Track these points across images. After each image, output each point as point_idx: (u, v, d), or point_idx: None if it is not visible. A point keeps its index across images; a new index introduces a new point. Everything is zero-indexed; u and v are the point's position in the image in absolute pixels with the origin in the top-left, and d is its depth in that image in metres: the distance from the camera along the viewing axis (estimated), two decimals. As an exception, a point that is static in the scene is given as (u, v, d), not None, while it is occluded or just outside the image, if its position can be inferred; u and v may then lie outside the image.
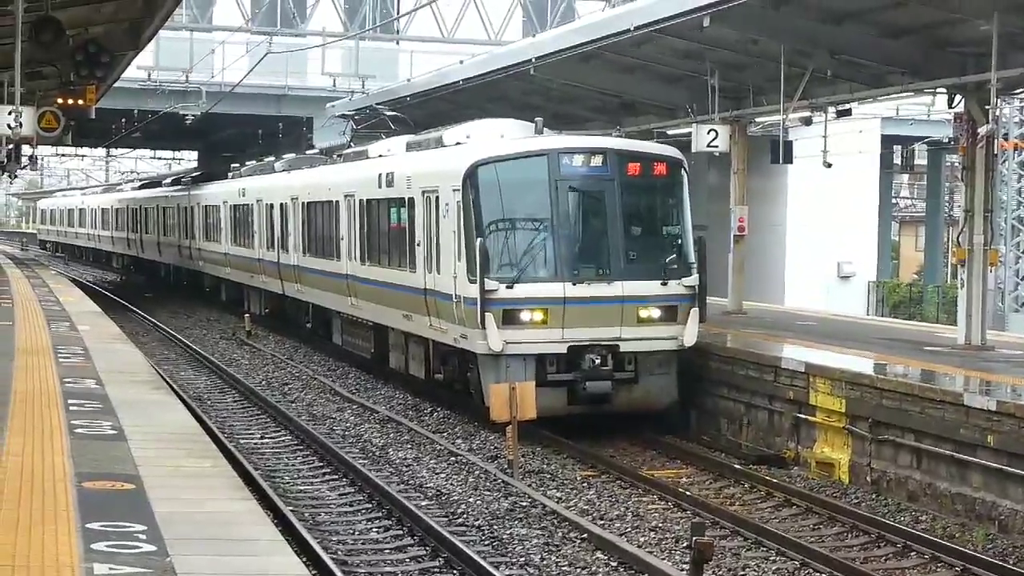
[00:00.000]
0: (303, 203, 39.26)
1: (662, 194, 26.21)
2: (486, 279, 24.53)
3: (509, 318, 24.78)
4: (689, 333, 25.44)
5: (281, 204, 42.15)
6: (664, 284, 25.37)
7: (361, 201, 32.84)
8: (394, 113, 41.10)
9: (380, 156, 33.53)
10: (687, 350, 25.57)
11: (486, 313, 24.54)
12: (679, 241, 25.94)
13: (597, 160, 25.39)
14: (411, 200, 28.68)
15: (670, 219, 26.25)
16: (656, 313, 25.35)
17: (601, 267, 25.18)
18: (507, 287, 24.74)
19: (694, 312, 25.45)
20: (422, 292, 27.85)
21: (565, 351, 24.98)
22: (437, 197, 26.89)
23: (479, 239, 24.76)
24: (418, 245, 28.15)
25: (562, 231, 25.09)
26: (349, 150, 38.82)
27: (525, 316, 24.87)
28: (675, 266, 25.57)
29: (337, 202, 35.07)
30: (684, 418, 26.51)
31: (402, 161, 30.84)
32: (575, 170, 25.31)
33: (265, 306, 47.30)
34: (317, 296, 38.50)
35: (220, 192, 53.42)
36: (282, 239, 42.09)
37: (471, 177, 25.32)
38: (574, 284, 24.88)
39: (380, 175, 31.17)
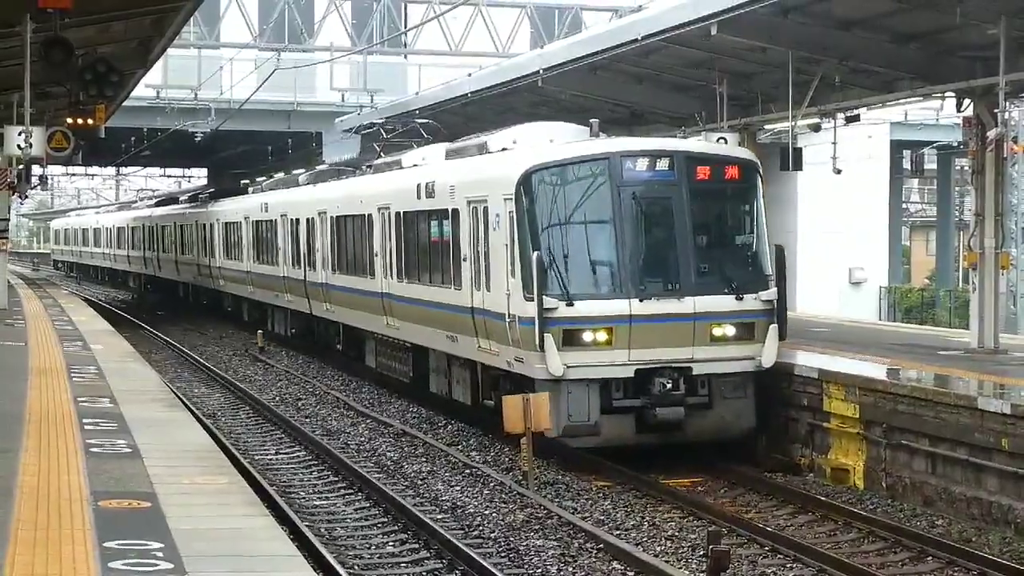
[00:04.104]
0: (332, 217, 37.18)
1: (734, 200, 24.27)
2: (544, 296, 22.61)
3: (570, 339, 22.75)
4: (768, 352, 23.48)
5: (308, 219, 40.18)
6: (739, 299, 23.41)
7: (398, 214, 30.70)
8: (425, 121, 38.73)
9: (415, 166, 31.52)
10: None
11: (544, 334, 22.56)
12: (754, 251, 24.06)
13: (663, 164, 23.47)
14: (455, 211, 26.64)
15: (744, 227, 24.28)
16: (731, 331, 23.35)
17: (670, 281, 23.17)
18: (567, 305, 22.73)
19: (773, 329, 23.49)
20: (469, 311, 25.85)
21: (632, 375, 23.01)
22: (485, 207, 24.95)
23: (535, 252, 22.66)
24: (464, 260, 26.10)
25: (626, 242, 23.10)
26: (379, 160, 36.18)
27: (587, 337, 22.81)
28: (751, 279, 23.69)
29: (370, 215, 32.97)
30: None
31: (443, 170, 28.69)
32: (639, 175, 23.35)
33: (291, 326, 45.35)
34: (349, 316, 36.35)
35: (241, 208, 51.72)
36: (309, 256, 40.12)
37: (525, 184, 23.36)
38: (641, 301, 22.90)
39: (419, 185, 28.96)
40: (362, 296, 34.14)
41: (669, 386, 23.03)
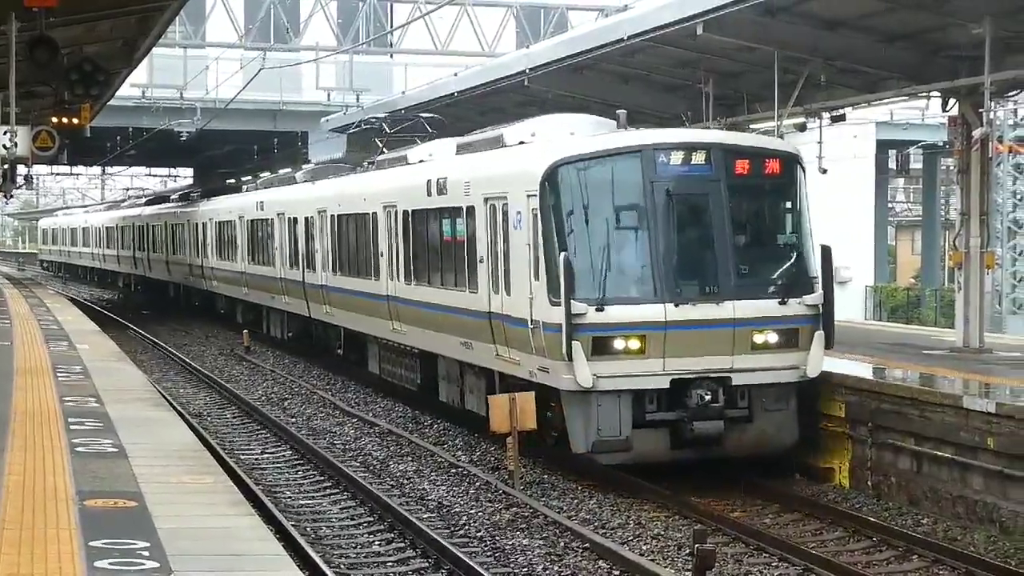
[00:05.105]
0: (332, 216, 35.55)
1: (776, 196, 22.60)
2: (572, 300, 20.93)
3: (600, 347, 21.08)
4: (813, 361, 21.88)
5: (306, 218, 38.56)
6: (782, 303, 21.78)
7: (405, 212, 29.03)
8: (431, 115, 37.16)
9: (421, 161, 29.93)
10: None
11: (572, 341, 20.93)
12: (798, 251, 22.36)
13: (699, 157, 21.77)
14: (470, 209, 25.00)
15: (786, 225, 22.60)
16: (773, 338, 21.70)
17: (708, 285, 21.51)
18: (597, 310, 21.05)
19: (819, 336, 21.93)
20: (486, 316, 24.21)
21: (667, 385, 21.39)
22: (505, 205, 23.29)
23: (562, 253, 21.06)
24: (480, 261, 24.47)
25: (660, 242, 21.40)
26: (382, 156, 34.36)
27: (619, 344, 21.14)
28: (795, 281, 22.06)
29: (374, 214, 31.30)
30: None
31: (456, 165, 27.02)
32: (674, 170, 21.65)
33: (288, 329, 43.74)
34: (350, 319, 34.67)
35: (235, 206, 50.03)
36: (308, 256, 38.48)
37: (550, 179, 21.66)
38: (676, 305, 21.24)
39: (429, 182, 27.25)
40: (365, 299, 32.60)
41: (708, 398, 21.40)
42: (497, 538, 18.55)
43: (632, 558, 17.28)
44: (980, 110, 24.85)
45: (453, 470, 23.43)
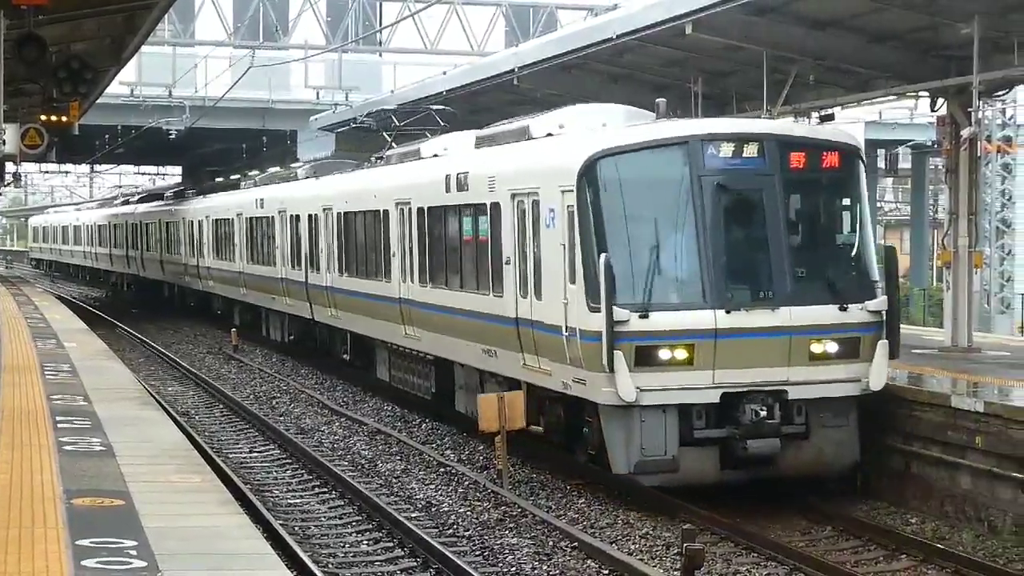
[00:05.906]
0: (339, 214, 33.89)
1: (834, 192, 20.89)
2: (614, 307, 19.30)
3: (644, 357, 19.41)
4: (876, 373, 20.15)
5: (310, 215, 36.82)
6: (843, 309, 20.05)
7: (420, 209, 27.37)
8: (441, 107, 35.28)
9: (435, 156, 28.51)
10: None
11: (614, 351, 19.27)
12: (858, 253, 20.69)
13: (751, 150, 20.07)
14: (495, 206, 23.33)
15: (846, 224, 20.91)
16: (833, 348, 20.02)
17: (761, 289, 19.83)
18: (640, 317, 19.38)
19: (882, 345, 20.21)
20: (513, 322, 22.56)
21: (717, 400, 19.72)
22: (536, 202, 21.60)
23: (603, 254, 19.38)
24: (506, 263, 22.82)
25: (710, 243, 19.68)
26: (391, 151, 32.74)
27: (664, 354, 19.48)
28: (855, 286, 20.38)
29: (386, 211, 29.63)
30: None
31: (477, 159, 25.32)
32: (723, 163, 19.95)
33: (289, 332, 42.14)
34: (357, 323, 32.85)
35: (233, 203, 48.29)
36: (311, 256, 36.84)
37: (588, 174, 19.92)
38: (727, 312, 19.56)
39: (448, 177, 25.61)
40: (375, 301, 30.82)
41: (763, 413, 19.71)
42: (485, 537, 18.54)
43: (620, 557, 17.27)
44: (968, 110, 24.91)
45: (442, 469, 23.42)
